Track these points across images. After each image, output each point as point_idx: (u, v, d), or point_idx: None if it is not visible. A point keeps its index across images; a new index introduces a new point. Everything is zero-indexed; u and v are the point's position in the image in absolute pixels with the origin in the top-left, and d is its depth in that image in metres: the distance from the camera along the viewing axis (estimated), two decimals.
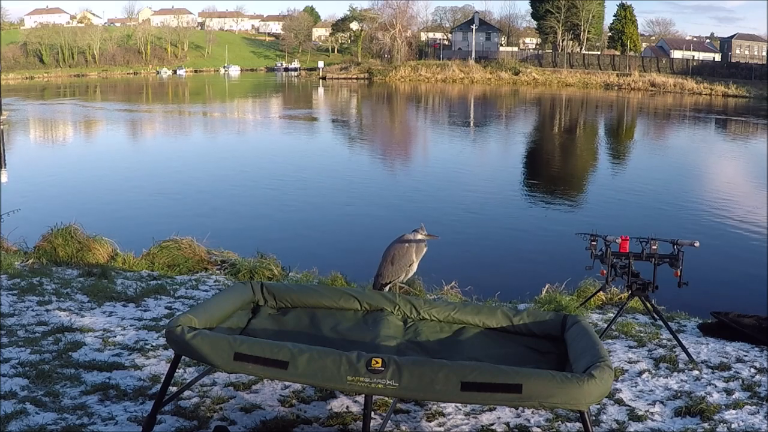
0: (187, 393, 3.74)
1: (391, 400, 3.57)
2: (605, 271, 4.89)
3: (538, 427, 3.57)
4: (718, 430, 3.57)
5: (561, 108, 44.22)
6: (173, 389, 3.60)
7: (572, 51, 74.34)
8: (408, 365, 2.77)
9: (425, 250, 4.73)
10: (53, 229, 7.25)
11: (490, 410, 3.71)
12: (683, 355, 4.61)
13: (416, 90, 57.72)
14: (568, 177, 19.31)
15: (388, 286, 4.75)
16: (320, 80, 72.44)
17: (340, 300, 3.78)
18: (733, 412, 3.77)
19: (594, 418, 3.66)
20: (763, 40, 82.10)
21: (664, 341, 4.95)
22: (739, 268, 9.93)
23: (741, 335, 5.02)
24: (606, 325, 5.11)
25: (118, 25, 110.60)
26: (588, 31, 74.46)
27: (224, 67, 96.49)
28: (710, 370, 4.42)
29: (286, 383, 3.90)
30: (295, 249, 9.85)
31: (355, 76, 71.39)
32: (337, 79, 71.45)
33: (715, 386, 4.13)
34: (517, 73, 65.43)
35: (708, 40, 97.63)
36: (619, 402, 3.90)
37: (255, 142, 25.89)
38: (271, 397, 3.79)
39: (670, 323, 5.08)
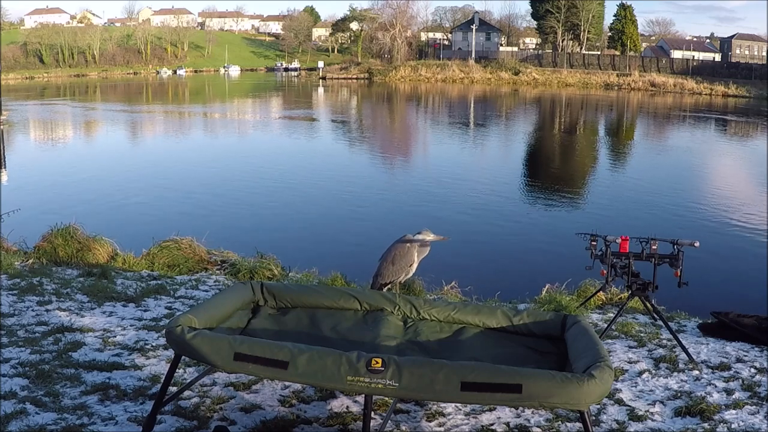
0: (187, 393, 3.74)
1: (391, 400, 3.57)
2: (605, 271, 4.89)
3: (538, 427, 3.57)
4: (718, 430, 3.56)
5: (561, 108, 44.20)
6: (173, 389, 3.60)
7: (572, 51, 74.33)
8: (408, 365, 2.77)
9: (428, 251, 4.71)
10: (53, 229, 7.24)
11: (490, 410, 3.71)
12: (683, 355, 4.61)
13: (416, 90, 57.70)
14: (567, 177, 19.30)
15: (387, 286, 4.73)
16: (320, 80, 72.42)
17: (340, 300, 3.78)
18: (733, 412, 3.77)
19: (594, 418, 3.66)
20: (763, 40, 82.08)
21: (664, 341, 4.95)
22: (739, 268, 9.92)
23: (741, 335, 5.02)
24: (606, 325, 5.11)
25: (118, 25, 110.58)
26: (588, 31, 74.45)
27: (224, 67, 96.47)
28: (710, 370, 4.42)
29: (286, 383, 3.89)
30: (295, 249, 9.85)
31: (355, 76, 71.38)
32: (337, 79, 71.43)
33: (715, 386, 4.13)
34: (517, 73, 65.42)
35: (708, 40, 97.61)
36: (619, 402, 3.90)
37: (254, 142, 25.89)
38: (271, 397, 3.79)
39: (670, 323, 5.08)
